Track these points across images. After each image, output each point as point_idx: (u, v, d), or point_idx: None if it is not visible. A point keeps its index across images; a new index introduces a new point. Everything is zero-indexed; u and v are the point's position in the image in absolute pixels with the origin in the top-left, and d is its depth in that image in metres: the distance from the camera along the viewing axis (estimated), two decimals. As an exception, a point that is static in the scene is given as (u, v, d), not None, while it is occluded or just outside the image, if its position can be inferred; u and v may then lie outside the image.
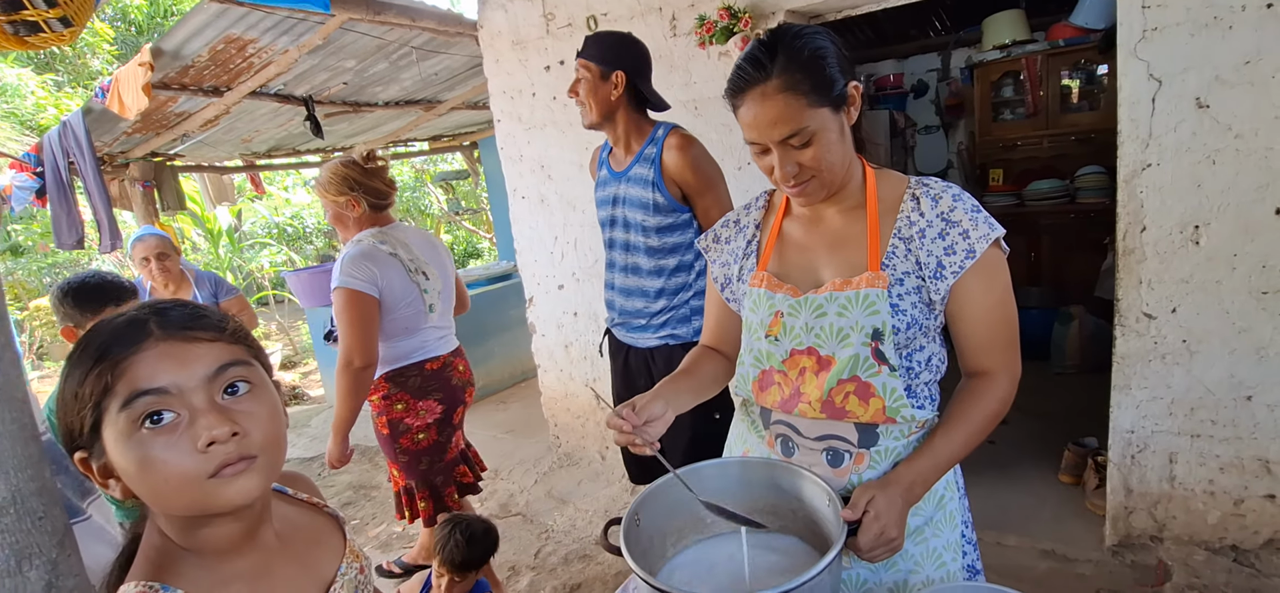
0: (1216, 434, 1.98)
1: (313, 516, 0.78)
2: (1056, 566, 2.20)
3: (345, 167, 2.03)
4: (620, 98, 1.72)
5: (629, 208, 1.78)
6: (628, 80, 1.71)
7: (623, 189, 1.79)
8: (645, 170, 1.74)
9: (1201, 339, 1.93)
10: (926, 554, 1.01)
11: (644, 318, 1.86)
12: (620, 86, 1.71)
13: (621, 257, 1.86)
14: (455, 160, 8.71)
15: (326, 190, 2.03)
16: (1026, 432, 2.99)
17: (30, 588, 0.49)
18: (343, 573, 0.75)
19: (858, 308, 0.95)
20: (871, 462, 0.98)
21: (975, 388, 0.98)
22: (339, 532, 0.79)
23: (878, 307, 0.94)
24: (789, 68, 0.88)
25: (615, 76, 1.70)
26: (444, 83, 4.34)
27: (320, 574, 0.73)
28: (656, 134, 1.75)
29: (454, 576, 1.80)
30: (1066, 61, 3.96)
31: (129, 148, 4.14)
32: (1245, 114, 1.77)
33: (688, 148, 1.70)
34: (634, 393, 1.92)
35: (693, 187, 1.71)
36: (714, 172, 1.75)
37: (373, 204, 2.06)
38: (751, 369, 1.07)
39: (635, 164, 1.77)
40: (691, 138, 1.74)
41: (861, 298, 0.94)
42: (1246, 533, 2.01)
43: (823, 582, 0.81)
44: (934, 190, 0.97)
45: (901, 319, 0.95)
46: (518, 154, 3.21)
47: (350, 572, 0.76)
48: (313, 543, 0.74)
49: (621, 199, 1.80)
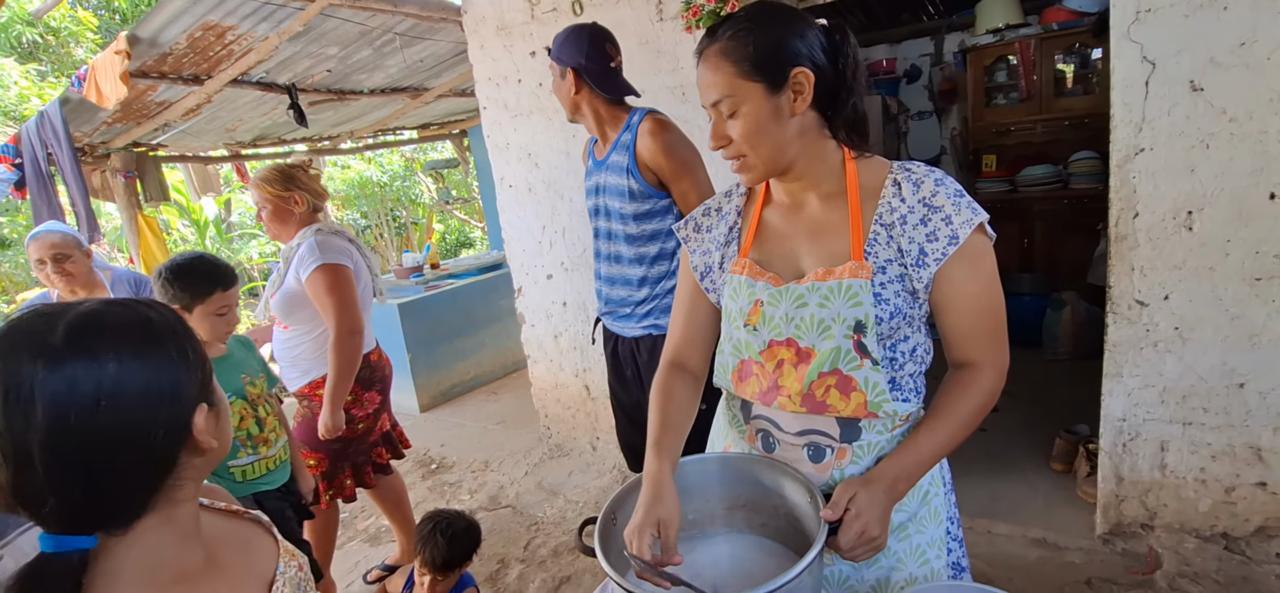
0: (1208, 422, 1.96)
1: (236, 522, 0.78)
2: (1047, 554, 2.19)
3: (288, 166, 2.15)
4: (582, 93, 1.73)
5: (609, 196, 1.77)
6: (577, 76, 1.72)
7: (603, 178, 1.78)
8: (621, 158, 1.72)
9: (1194, 326, 1.91)
10: (910, 552, 0.98)
11: (629, 307, 1.85)
12: (572, 83, 1.73)
13: (605, 246, 1.86)
14: (445, 149, 8.64)
15: (272, 185, 2.10)
16: (1018, 419, 2.97)
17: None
18: (282, 572, 0.75)
19: (840, 299, 0.91)
20: (854, 457, 0.96)
21: (961, 381, 0.95)
22: (268, 534, 0.79)
23: (861, 298, 0.91)
24: (735, 36, 0.90)
25: (567, 73, 1.72)
26: (430, 69, 4.27)
27: (259, 573, 0.74)
28: (632, 120, 1.73)
29: (436, 575, 1.78)
30: (1060, 45, 3.92)
31: (110, 138, 4.06)
32: (1239, 97, 1.74)
33: (660, 133, 1.67)
34: (623, 382, 1.94)
35: (667, 171, 1.69)
36: (690, 155, 1.71)
37: (313, 205, 2.15)
38: (731, 358, 1.04)
39: (613, 152, 1.75)
40: (665, 122, 1.71)
41: (844, 289, 0.91)
42: (1237, 521, 2.00)
43: (803, 583, 0.79)
44: (916, 175, 0.93)
45: (884, 309, 0.92)
46: (504, 142, 3.16)
47: (289, 570, 0.77)
48: (242, 546, 0.75)
49: (603, 188, 1.79)
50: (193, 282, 1.69)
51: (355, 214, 9.35)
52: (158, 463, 0.62)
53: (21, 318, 0.60)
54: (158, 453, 0.62)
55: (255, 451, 1.75)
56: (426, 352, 4.31)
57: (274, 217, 2.11)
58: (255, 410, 1.76)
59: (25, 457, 0.56)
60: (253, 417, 1.76)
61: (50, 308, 0.61)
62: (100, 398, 0.58)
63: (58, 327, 0.59)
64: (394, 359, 4.41)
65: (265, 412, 1.79)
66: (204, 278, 1.69)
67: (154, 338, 0.63)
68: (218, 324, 1.72)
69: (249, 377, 1.79)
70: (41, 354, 0.57)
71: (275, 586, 0.73)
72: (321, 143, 5.47)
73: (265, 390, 1.83)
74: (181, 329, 0.66)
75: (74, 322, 0.60)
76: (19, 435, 0.55)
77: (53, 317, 0.60)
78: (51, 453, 0.56)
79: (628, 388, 1.92)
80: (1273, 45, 1.68)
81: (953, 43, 4.65)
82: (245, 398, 1.75)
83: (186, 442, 0.64)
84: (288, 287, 2.09)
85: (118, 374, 0.59)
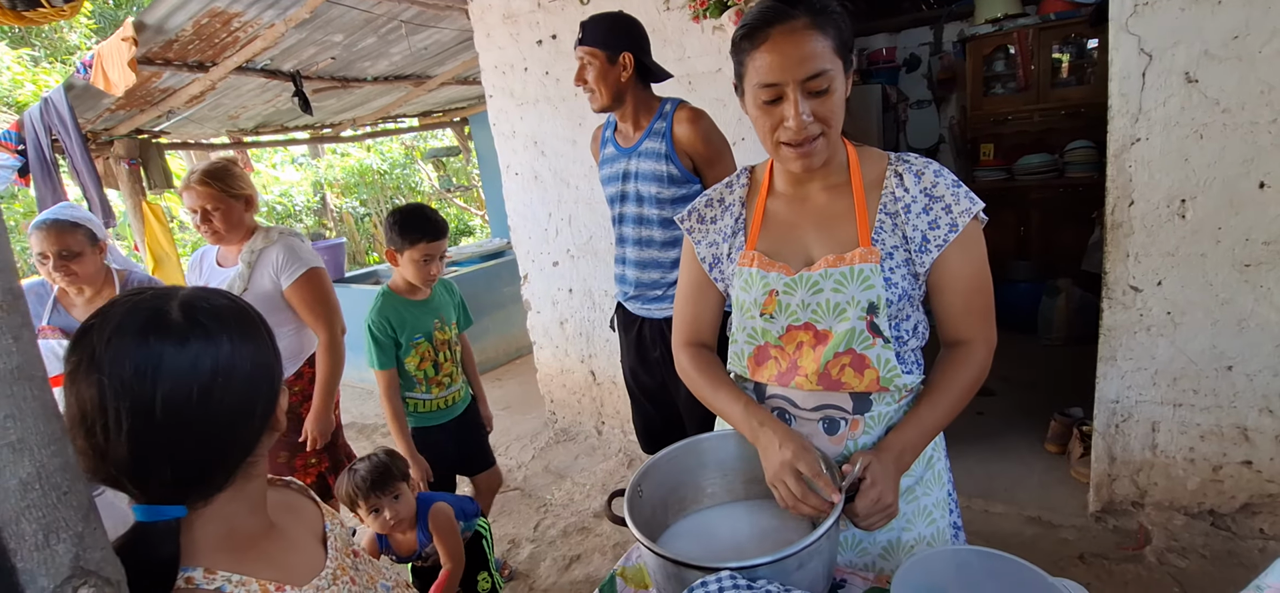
0: (1197, 404, 2.03)
1: (283, 491, 0.84)
2: (1041, 531, 2.26)
3: (227, 164, 2.04)
4: (630, 78, 1.77)
5: (641, 182, 1.82)
6: (635, 59, 1.76)
7: (634, 164, 1.83)
8: (657, 144, 1.78)
9: (1185, 311, 1.97)
10: (918, 512, 1.05)
11: (660, 289, 1.90)
12: (629, 68, 1.76)
13: (634, 231, 1.90)
14: (446, 137, 8.62)
15: (222, 183, 1.98)
16: (1013, 403, 3.05)
17: (58, 561, 0.50)
18: (330, 529, 0.82)
19: (854, 283, 0.97)
20: (866, 427, 1.02)
21: (956, 358, 1.01)
22: (308, 498, 0.86)
23: (873, 281, 0.96)
24: (818, 12, 0.90)
25: (623, 58, 1.75)
26: (434, 57, 4.28)
27: (313, 531, 0.81)
28: (665, 108, 1.81)
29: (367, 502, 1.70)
30: (1058, 35, 3.96)
31: (113, 125, 4.06)
32: (1233, 89, 1.79)
33: (699, 120, 1.76)
34: (647, 364, 1.99)
35: (704, 157, 1.77)
36: (723, 143, 1.80)
37: (253, 205, 2.09)
38: (746, 346, 1.08)
39: (646, 138, 1.81)
40: (701, 111, 1.79)
41: (857, 273, 0.96)
42: (1224, 498, 2.07)
43: (822, 547, 0.84)
44: (915, 166, 0.99)
45: (893, 292, 0.97)
46: (510, 130, 3.19)
47: (335, 527, 0.83)
48: (293, 510, 0.81)
49: (633, 174, 1.84)
50: (403, 229, 1.91)
51: (355, 202, 9.33)
52: (253, 437, 0.67)
53: (134, 299, 0.63)
54: (254, 429, 0.67)
55: (428, 389, 2.05)
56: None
57: (225, 219, 1.97)
58: (435, 354, 2.03)
59: (145, 430, 0.60)
60: (432, 359, 2.02)
61: (156, 290, 0.66)
62: (217, 374, 0.62)
63: (173, 307, 0.63)
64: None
65: (444, 358, 2.06)
66: (414, 227, 1.92)
67: (253, 323, 0.68)
68: (422, 269, 1.95)
69: (440, 323, 2.05)
70: (169, 333, 0.61)
71: (329, 541, 0.80)
72: (323, 130, 5.47)
73: (453, 336, 2.10)
74: (263, 319, 0.71)
75: (188, 303, 0.64)
76: (143, 410, 0.59)
77: (165, 296, 0.64)
78: (173, 427, 0.60)
79: (651, 370, 1.97)
80: (1265, 38, 1.73)
81: (952, 32, 4.68)
82: (431, 341, 2.02)
83: (272, 421, 0.69)
84: (262, 290, 2.01)
85: (231, 354, 0.64)
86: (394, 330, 1.98)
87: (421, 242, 1.92)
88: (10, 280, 0.48)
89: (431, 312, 2.04)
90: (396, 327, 1.98)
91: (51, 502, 0.50)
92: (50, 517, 0.50)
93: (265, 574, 0.68)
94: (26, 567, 0.49)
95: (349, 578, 0.77)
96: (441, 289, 2.12)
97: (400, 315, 1.99)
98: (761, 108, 0.94)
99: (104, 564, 0.53)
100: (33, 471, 0.49)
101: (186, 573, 0.64)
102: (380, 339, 1.97)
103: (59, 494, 0.50)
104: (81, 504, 0.52)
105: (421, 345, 2.01)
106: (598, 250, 3.08)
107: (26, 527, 0.49)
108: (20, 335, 0.49)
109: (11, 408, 0.48)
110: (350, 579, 0.77)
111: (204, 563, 0.65)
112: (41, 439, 0.50)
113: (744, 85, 0.96)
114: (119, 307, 0.63)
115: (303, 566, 0.73)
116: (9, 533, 0.48)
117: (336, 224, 9.19)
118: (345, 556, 0.81)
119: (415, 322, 2.01)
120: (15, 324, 0.48)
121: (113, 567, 0.54)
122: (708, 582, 0.79)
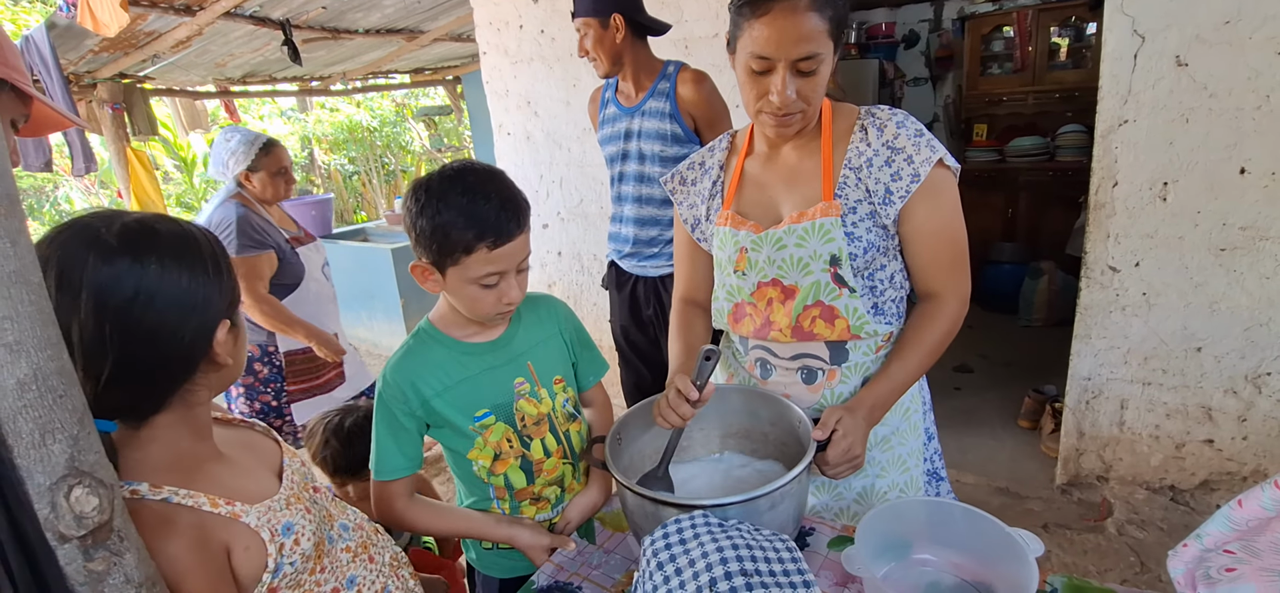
0: (1166, 382, 2.09)
1: (242, 431, 0.87)
2: (1009, 501, 2.34)
3: None
4: (625, 38, 1.79)
5: (645, 140, 1.85)
6: (626, 18, 1.77)
7: (637, 123, 1.86)
8: (661, 103, 1.82)
9: (1160, 292, 2.02)
10: (892, 461, 1.10)
11: (657, 245, 1.95)
12: (622, 28, 1.78)
13: (634, 188, 1.93)
14: (437, 95, 8.50)
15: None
16: (990, 380, 3.12)
17: (54, 461, 0.52)
18: (288, 463, 0.85)
19: (815, 238, 1.00)
20: (843, 377, 1.06)
21: (926, 312, 1.04)
22: (270, 438, 0.89)
23: (833, 234, 0.99)
24: None
25: (614, 20, 1.77)
26: (427, 11, 4.20)
27: (268, 463, 0.84)
28: (668, 69, 1.84)
29: (334, 480, 1.58)
30: (1057, 17, 3.96)
31: (95, 67, 3.97)
32: (1221, 73, 1.82)
33: (702, 82, 1.81)
34: (640, 321, 2.02)
35: (706, 118, 1.81)
36: (723, 107, 1.84)
37: None
38: (725, 303, 1.13)
39: (650, 98, 1.84)
40: (704, 73, 1.83)
41: (817, 228, 1.00)
42: (1184, 474, 2.15)
43: (792, 490, 0.88)
44: (880, 119, 1.01)
45: (857, 245, 1.00)
46: (504, 89, 3.16)
47: (294, 463, 0.86)
48: (249, 446, 0.84)
49: (635, 132, 1.87)
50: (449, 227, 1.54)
51: (343, 159, 9.20)
52: (178, 365, 0.70)
53: (85, 216, 0.67)
54: (181, 354, 0.69)
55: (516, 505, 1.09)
56: (418, 297, 4.35)
57: None
58: (524, 444, 1.07)
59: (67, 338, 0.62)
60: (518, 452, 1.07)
61: (112, 211, 0.69)
62: (139, 294, 0.65)
63: (114, 226, 0.67)
64: (387, 305, 4.47)
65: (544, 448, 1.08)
66: (470, 219, 1.56)
67: (194, 252, 0.70)
68: (487, 294, 1.01)
69: (531, 381, 1.08)
70: (95, 247, 0.65)
71: (285, 474, 0.82)
72: (312, 83, 5.37)
73: (562, 404, 1.11)
74: (221, 252, 0.74)
75: (130, 224, 0.67)
76: (65, 317, 0.62)
77: (112, 217, 0.68)
78: (89, 337, 0.64)
79: (644, 328, 2.03)
80: (1256, 24, 1.75)
81: (952, 10, 4.65)
82: (512, 420, 1.06)
83: (208, 353, 0.71)
84: None
85: (158, 277, 0.66)
86: (426, 402, 1.04)
87: (480, 246, 0.98)
88: (9, 186, 0.49)
89: (511, 362, 1.08)
90: (432, 395, 1.04)
91: (47, 403, 0.52)
92: (46, 417, 0.52)
93: (214, 492, 0.71)
94: (24, 463, 0.51)
95: (304, 507, 0.79)
96: (530, 316, 1.13)
97: (442, 375, 1.05)
98: (750, 75, 0.97)
99: (98, 467, 0.55)
100: (29, 371, 0.51)
101: (131, 486, 0.67)
102: (392, 419, 1.04)
103: (55, 397, 0.52)
104: (76, 408, 0.54)
105: (495, 428, 1.06)
106: (588, 214, 3.08)
107: (24, 425, 0.51)
108: (17, 240, 0.50)
109: (9, 309, 0.49)
110: (305, 508, 0.79)
111: (149, 479, 0.68)
112: (38, 342, 0.51)
113: (736, 47, 0.98)
114: (77, 220, 0.66)
115: (254, 490, 0.76)
116: (7, 429, 0.50)
117: (324, 181, 9.07)
118: (303, 490, 0.83)
119: (477, 387, 1.06)
120: (13, 228, 0.49)
121: (106, 470, 0.56)
122: (681, 519, 0.82)
